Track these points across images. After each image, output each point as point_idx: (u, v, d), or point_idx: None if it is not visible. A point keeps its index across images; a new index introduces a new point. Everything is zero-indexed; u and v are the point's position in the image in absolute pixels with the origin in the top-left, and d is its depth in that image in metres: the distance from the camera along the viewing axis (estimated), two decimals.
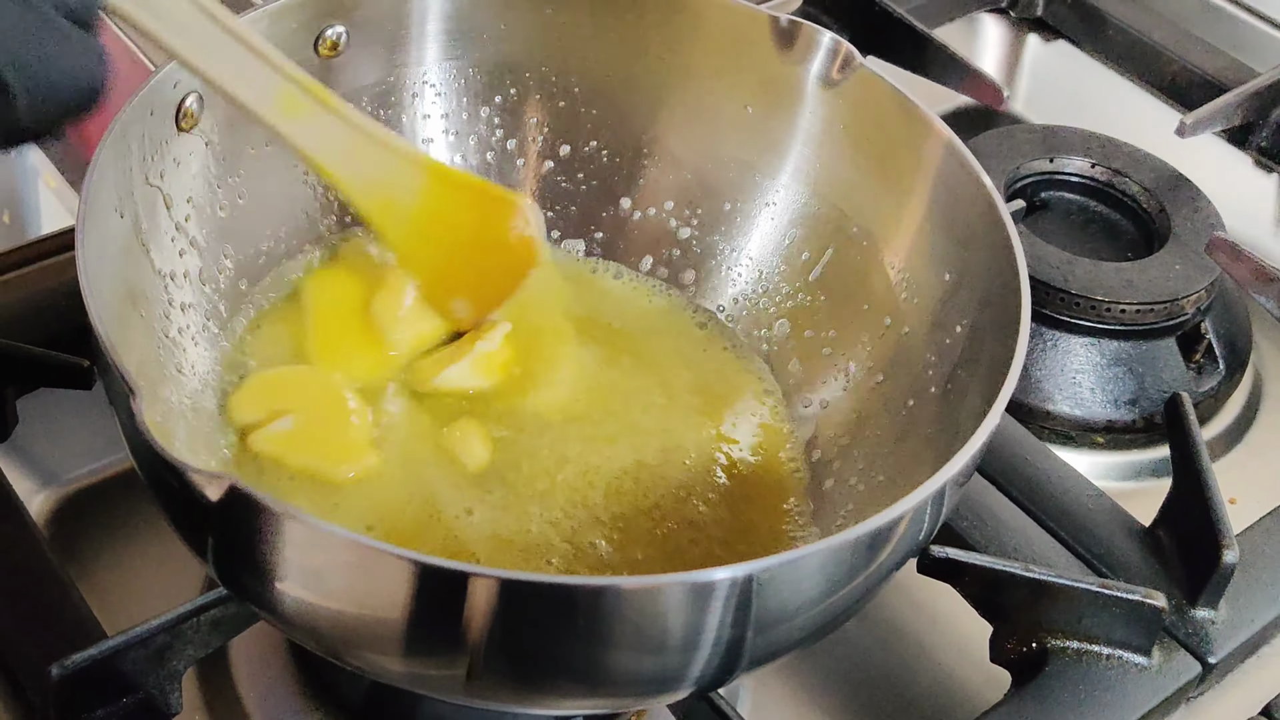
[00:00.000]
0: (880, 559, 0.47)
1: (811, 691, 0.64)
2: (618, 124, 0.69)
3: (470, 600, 0.42)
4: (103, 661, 0.53)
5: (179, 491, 0.43)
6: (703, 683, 0.48)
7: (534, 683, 0.47)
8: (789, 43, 0.64)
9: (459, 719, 0.58)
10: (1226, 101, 0.86)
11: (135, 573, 0.65)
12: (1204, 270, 0.77)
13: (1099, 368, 0.76)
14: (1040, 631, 0.60)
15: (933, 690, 0.64)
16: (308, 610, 0.46)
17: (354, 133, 0.56)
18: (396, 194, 0.58)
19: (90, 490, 0.69)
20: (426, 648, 0.46)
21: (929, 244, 0.62)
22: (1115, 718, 0.58)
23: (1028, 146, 0.85)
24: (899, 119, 0.62)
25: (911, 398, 0.61)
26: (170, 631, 0.54)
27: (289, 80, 0.54)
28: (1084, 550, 0.64)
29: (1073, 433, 0.76)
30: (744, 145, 0.67)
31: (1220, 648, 0.61)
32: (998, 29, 1.02)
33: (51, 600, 0.57)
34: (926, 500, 0.47)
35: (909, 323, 0.62)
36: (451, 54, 0.67)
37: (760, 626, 0.45)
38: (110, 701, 0.54)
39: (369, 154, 0.57)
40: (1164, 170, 0.84)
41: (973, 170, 0.58)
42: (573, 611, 0.42)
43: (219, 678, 0.60)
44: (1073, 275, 0.76)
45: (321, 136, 0.55)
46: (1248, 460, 0.78)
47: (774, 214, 0.68)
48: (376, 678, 0.50)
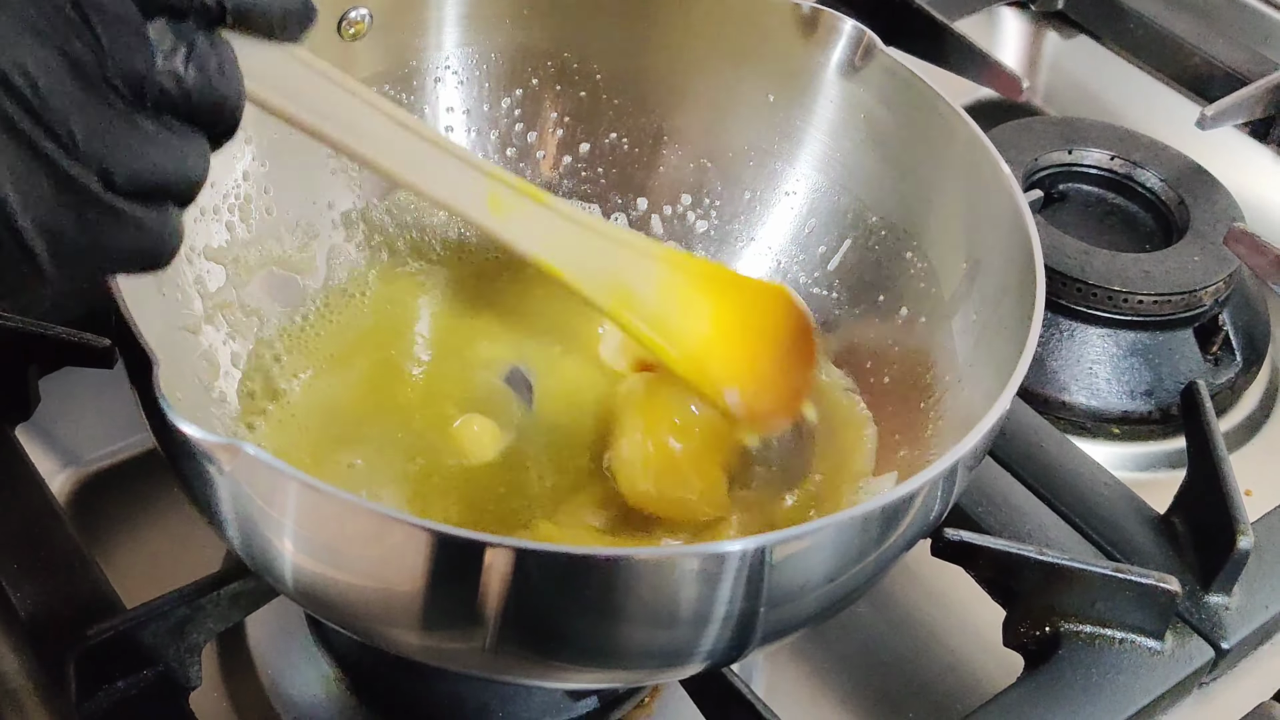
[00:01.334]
0: (892, 536, 0.48)
1: (825, 674, 0.64)
2: (638, 112, 0.69)
3: (487, 570, 0.42)
4: (124, 633, 0.53)
5: (194, 462, 0.44)
6: (716, 657, 0.48)
7: (551, 654, 0.47)
8: (810, 31, 0.64)
9: (475, 694, 0.59)
10: (1247, 94, 0.86)
11: (155, 551, 0.66)
12: (1222, 262, 0.77)
13: (1115, 359, 0.76)
14: (1053, 615, 0.60)
15: (945, 674, 0.64)
16: (324, 582, 0.47)
17: (570, 225, 0.53)
18: (632, 285, 0.54)
19: (111, 470, 0.70)
20: (443, 620, 0.46)
21: (947, 233, 0.62)
22: (1128, 702, 0.58)
23: (1046, 138, 0.85)
24: (920, 108, 0.62)
25: (926, 387, 0.61)
26: (190, 604, 0.54)
27: (494, 179, 0.51)
28: (1098, 536, 0.64)
29: (1088, 423, 0.76)
30: (764, 134, 0.68)
31: (1233, 633, 0.61)
32: (1017, 22, 1.02)
33: (74, 576, 0.58)
34: (939, 478, 0.47)
35: (925, 312, 0.62)
36: (473, 39, 0.67)
37: (773, 601, 0.46)
38: (131, 673, 0.54)
39: (591, 246, 0.53)
40: (1183, 163, 0.84)
41: (993, 159, 0.59)
42: (587, 581, 0.43)
43: (237, 652, 0.61)
44: (1090, 266, 0.76)
45: (538, 233, 0.52)
46: (1264, 453, 0.78)
47: (793, 203, 0.68)
48: (395, 652, 0.50)
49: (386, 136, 0.47)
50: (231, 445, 0.42)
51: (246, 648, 0.61)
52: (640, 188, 0.70)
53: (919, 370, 0.62)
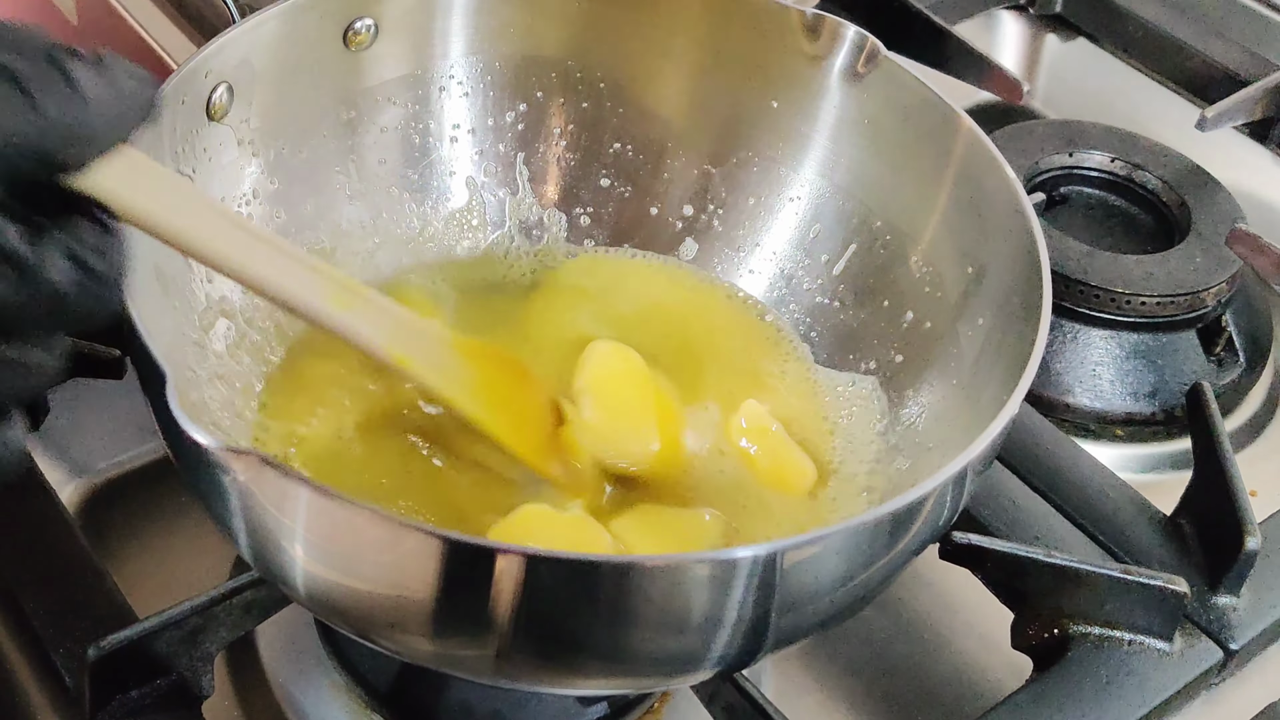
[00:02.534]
0: (903, 541, 0.48)
1: (833, 678, 0.64)
2: (642, 120, 0.69)
3: (498, 577, 0.42)
4: (137, 643, 0.54)
5: (208, 471, 0.44)
6: (726, 663, 0.49)
7: (563, 660, 0.47)
8: (814, 37, 0.64)
9: (486, 701, 0.59)
10: (1247, 95, 0.87)
11: (166, 562, 0.66)
12: (1225, 263, 0.78)
13: (1119, 360, 0.77)
14: (1062, 618, 0.60)
15: (954, 677, 0.64)
16: (336, 589, 0.47)
17: (394, 318, 0.53)
18: (451, 369, 0.54)
19: (121, 480, 0.70)
20: (455, 626, 0.46)
21: (952, 237, 0.62)
22: (1137, 703, 0.58)
23: (1047, 141, 0.85)
24: (924, 112, 0.62)
25: (933, 391, 0.61)
26: (203, 614, 0.55)
27: (325, 277, 0.50)
28: (1105, 538, 0.64)
29: (1092, 425, 0.76)
30: (768, 140, 0.68)
31: (1242, 634, 0.61)
32: (1016, 26, 1.02)
33: (85, 586, 0.58)
34: (948, 483, 0.47)
35: (931, 317, 0.62)
36: (478, 47, 0.67)
37: (784, 606, 0.46)
38: (145, 683, 0.54)
39: (410, 332, 0.53)
40: (1184, 164, 0.84)
41: (997, 163, 0.59)
42: (598, 587, 0.43)
43: (248, 661, 0.61)
44: (1093, 268, 0.77)
45: (376, 324, 0.51)
46: (1268, 454, 0.78)
47: (797, 209, 0.68)
48: (407, 659, 0.51)
49: (226, 233, 0.46)
50: (245, 453, 0.42)
51: (258, 656, 0.61)
52: (645, 195, 0.70)
53: (925, 376, 0.62)
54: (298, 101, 0.63)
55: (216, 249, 0.45)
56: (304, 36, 0.62)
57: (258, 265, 0.46)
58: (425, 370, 0.53)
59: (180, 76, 0.56)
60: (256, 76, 0.60)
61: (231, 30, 0.58)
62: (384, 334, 0.51)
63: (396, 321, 0.52)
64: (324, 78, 0.64)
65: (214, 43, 0.58)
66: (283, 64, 0.61)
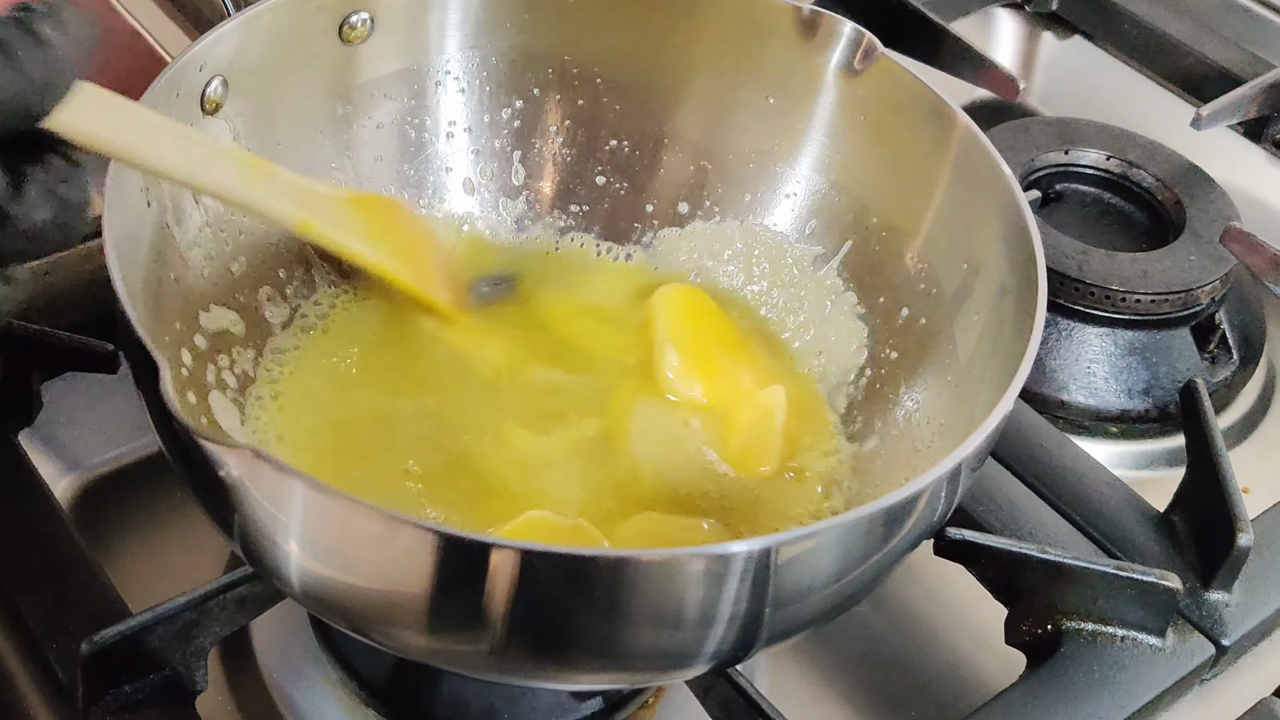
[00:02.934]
0: (897, 536, 0.48)
1: (828, 674, 0.64)
2: (639, 117, 0.69)
3: (492, 572, 0.42)
4: (131, 638, 0.53)
5: (202, 465, 0.44)
6: (721, 658, 0.49)
7: (557, 656, 0.47)
8: (811, 33, 0.64)
9: (481, 696, 0.59)
10: (1242, 94, 0.87)
11: (159, 557, 0.66)
12: (1219, 261, 0.78)
13: (1113, 358, 0.77)
14: (1055, 614, 0.60)
15: (947, 673, 0.65)
16: (330, 584, 0.47)
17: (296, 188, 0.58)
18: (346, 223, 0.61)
19: (114, 475, 0.70)
20: (450, 621, 0.46)
21: (948, 234, 0.62)
22: (1129, 699, 0.58)
23: (1043, 139, 0.85)
24: (920, 109, 0.62)
25: (927, 388, 0.61)
26: (196, 609, 0.55)
27: (233, 159, 0.56)
28: (1099, 534, 0.64)
29: (1086, 422, 0.76)
30: (765, 136, 0.68)
31: (1234, 630, 0.61)
32: (1012, 24, 1.02)
33: (78, 581, 0.58)
34: (943, 479, 0.47)
35: (926, 314, 0.63)
36: (474, 42, 0.67)
37: (778, 601, 0.46)
38: (138, 677, 0.54)
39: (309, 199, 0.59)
40: (1179, 162, 0.84)
41: (993, 160, 0.59)
42: (592, 582, 0.43)
43: (242, 657, 0.61)
44: (1088, 265, 0.77)
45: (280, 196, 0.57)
46: (1261, 451, 0.78)
47: (794, 205, 0.68)
48: (401, 654, 0.51)
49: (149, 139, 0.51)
50: (240, 448, 0.42)
51: (252, 652, 0.61)
52: (641, 191, 0.70)
53: (920, 372, 0.62)
54: (293, 96, 0.63)
55: (144, 153, 0.50)
56: (299, 30, 0.62)
57: (173, 157, 0.52)
58: (326, 229, 0.59)
59: (175, 70, 0.56)
60: (251, 70, 0.60)
61: (226, 23, 0.58)
62: (287, 204, 0.57)
63: (297, 190, 0.58)
64: (319, 72, 0.64)
65: (208, 36, 0.58)
66: (277, 58, 0.61)
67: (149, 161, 0.51)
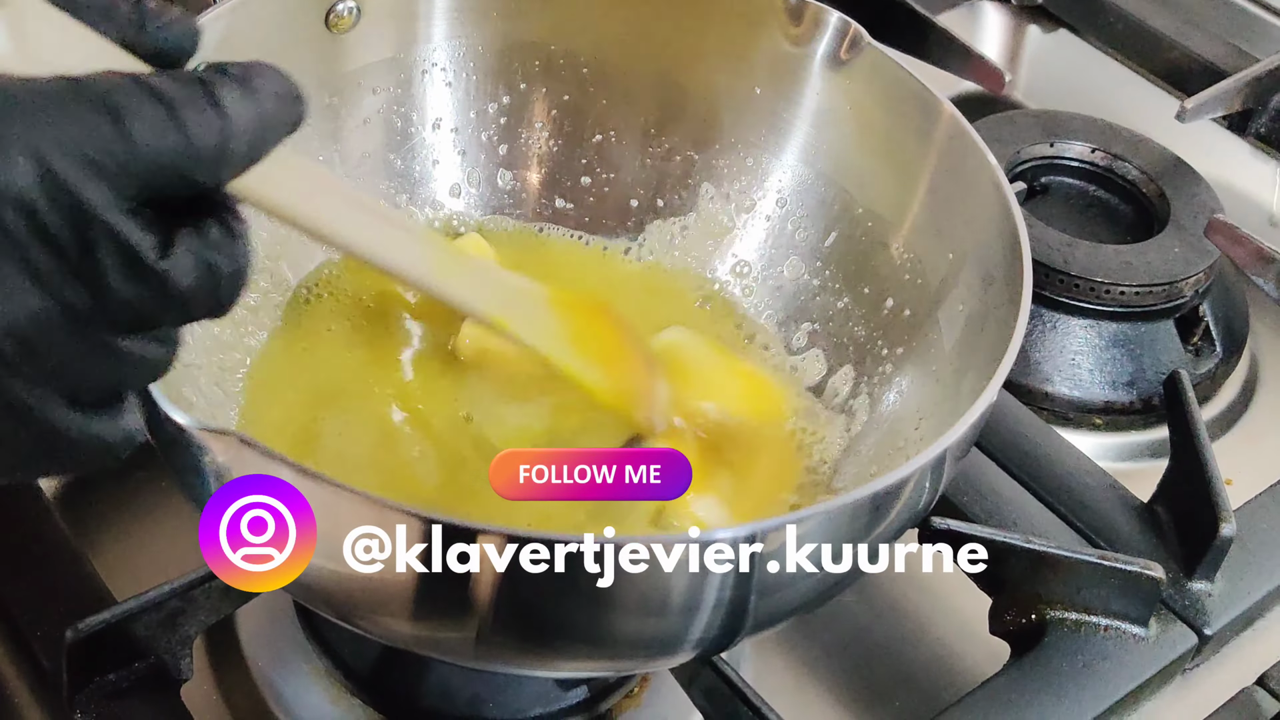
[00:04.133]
0: (882, 524, 0.48)
1: (812, 664, 0.64)
2: (625, 107, 0.69)
3: (477, 557, 0.42)
4: (116, 625, 0.53)
5: (187, 452, 0.44)
6: (706, 645, 0.49)
7: (542, 642, 0.47)
8: (796, 23, 0.64)
9: (466, 685, 0.59)
10: (1226, 87, 0.87)
11: (144, 545, 0.66)
12: (1203, 254, 0.78)
13: (1098, 349, 0.77)
14: (1039, 603, 0.61)
15: (932, 662, 0.65)
16: (315, 571, 0.47)
17: (493, 280, 0.56)
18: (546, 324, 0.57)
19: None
20: (436, 608, 0.46)
21: (934, 225, 0.62)
22: (1113, 687, 0.59)
23: (1028, 131, 0.86)
24: (906, 100, 0.62)
25: (912, 379, 0.61)
26: (182, 597, 0.54)
27: (430, 245, 0.53)
28: (1083, 524, 0.65)
29: (1071, 414, 0.77)
30: (751, 127, 0.68)
31: (1216, 620, 0.62)
32: (999, 16, 1.03)
33: (63, 570, 0.58)
34: (927, 467, 0.47)
35: (911, 305, 0.63)
36: (461, 31, 0.67)
37: (763, 588, 0.46)
38: (123, 666, 0.54)
39: (507, 294, 0.56)
40: (1163, 155, 0.84)
41: (979, 152, 0.59)
42: (577, 568, 0.43)
43: (228, 645, 0.61)
44: (1073, 257, 0.77)
45: (476, 288, 0.54)
46: (1243, 443, 0.78)
47: (780, 195, 0.68)
48: (387, 641, 0.51)
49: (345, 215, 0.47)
50: (225, 434, 0.42)
51: (237, 640, 0.61)
52: (627, 182, 0.70)
53: (904, 364, 0.62)
54: None
55: (337, 228, 0.47)
56: (285, 18, 0.62)
57: (371, 240, 0.48)
58: (520, 328, 0.55)
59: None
60: (237, 58, 0.59)
61: (212, 10, 0.58)
62: (483, 297, 0.54)
63: (494, 283, 0.55)
64: (306, 61, 0.63)
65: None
66: (263, 46, 0.61)
67: (337, 239, 0.47)
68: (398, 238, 0.50)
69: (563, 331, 0.57)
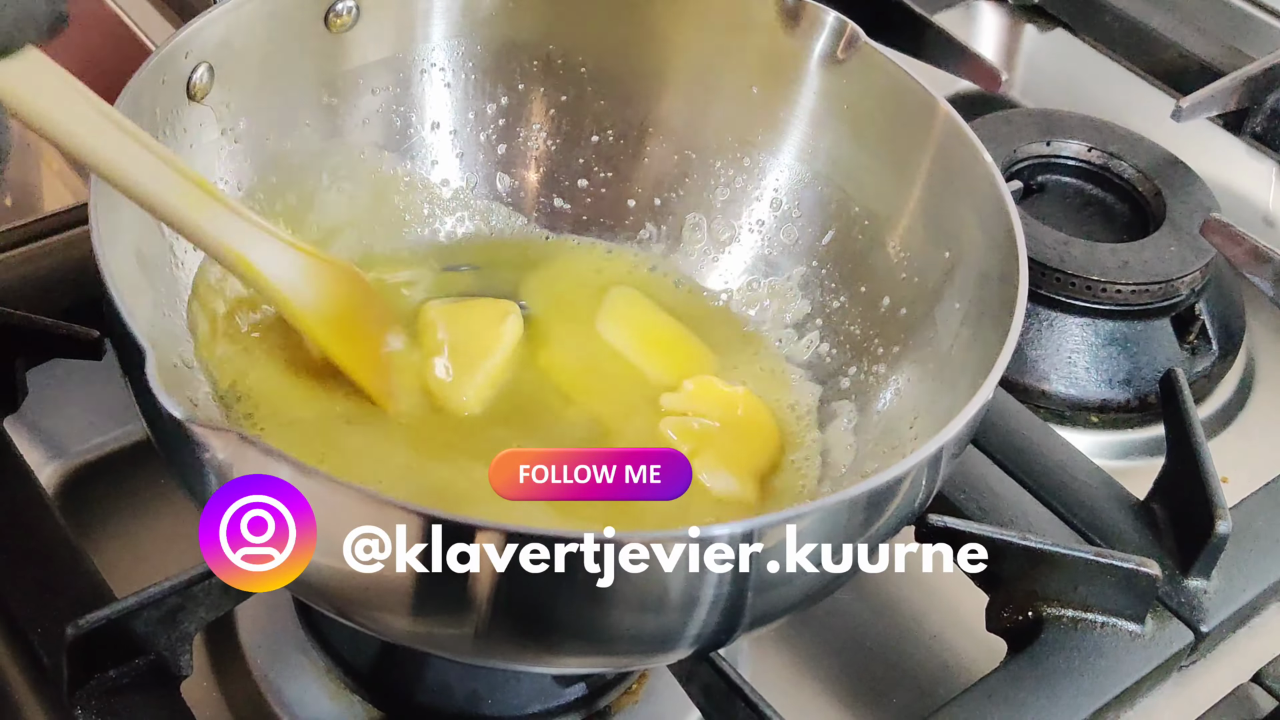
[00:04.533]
0: (879, 521, 0.48)
1: (809, 661, 0.65)
2: (623, 107, 0.70)
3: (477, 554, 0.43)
4: (116, 622, 0.53)
5: (187, 448, 0.44)
6: (704, 641, 0.49)
7: (541, 639, 0.47)
8: (794, 22, 0.64)
9: (465, 681, 0.59)
10: (1222, 86, 0.87)
11: (144, 542, 0.66)
12: (1199, 252, 0.78)
13: (1094, 348, 0.77)
14: (1036, 600, 0.61)
15: (929, 659, 0.65)
16: (315, 567, 0.47)
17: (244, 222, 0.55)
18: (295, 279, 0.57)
19: (100, 461, 0.70)
20: (435, 604, 0.46)
21: (930, 224, 0.63)
22: (1109, 684, 0.59)
23: (1025, 130, 0.86)
24: (903, 98, 0.63)
25: (908, 377, 0.61)
26: (182, 593, 0.54)
27: (185, 179, 0.52)
28: (1079, 522, 0.65)
29: (1067, 412, 0.77)
30: (748, 125, 0.68)
31: (1212, 617, 0.62)
32: (995, 16, 1.03)
33: (63, 566, 0.58)
34: (924, 464, 0.48)
35: (907, 303, 0.63)
36: (460, 31, 0.67)
37: (760, 585, 0.46)
38: (123, 662, 0.54)
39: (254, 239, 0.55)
40: (1159, 154, 0.85)
41: (975, 150, 0.59)
42: (575, 564, 0.43)
43: (227, 641, 0.61)
44: (1069, 256, 0.77)
45: (223, 226, 0.54)
46: (1240, 441, 0.79)
47: (777, 194, 0.68)
48: (386, 638, 0.51)
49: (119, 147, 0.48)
50: (225, 431, 0.43)
51: (237, 637, 0.61)
52: (625, 182, 0.70)
53: (901, 362, 0.62)
54: (279, 84, 0.63)
55: (85, 144, 0.47)
56: (285, 17, 0.62)
57: (110, 152, 0.48)
58: (263, 273, 0.55)
59: (160, 57, 0.56)
60: (237, 57, 0.60)
61: (212, 10, 0.59)
62: (229, 235, 0.54)
63: (244, 225, 0.54)
64: (305, 60, 0.64)
65: (194, 23, 0.58)
66: (263, 45, 0.61)
67: (82, 152, 0.47)
68: (155, 165, 0.50)
69: (310, 285, 0.57)
